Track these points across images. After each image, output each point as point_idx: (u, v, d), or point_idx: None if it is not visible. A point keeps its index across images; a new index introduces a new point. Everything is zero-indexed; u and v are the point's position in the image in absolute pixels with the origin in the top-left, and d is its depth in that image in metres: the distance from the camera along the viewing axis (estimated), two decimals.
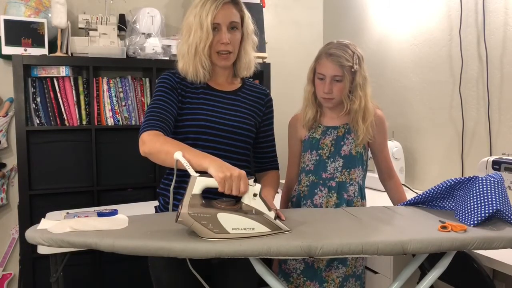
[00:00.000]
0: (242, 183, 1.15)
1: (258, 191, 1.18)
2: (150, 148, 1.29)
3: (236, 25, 1.46)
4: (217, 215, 1.13)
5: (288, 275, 1.66)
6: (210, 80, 1.53)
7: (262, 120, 1.60)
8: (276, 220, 1.18)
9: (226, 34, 1.43)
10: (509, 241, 1.20)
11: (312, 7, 3.50)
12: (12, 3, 2.54)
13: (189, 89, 1.50)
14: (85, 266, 2.62)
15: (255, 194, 1.18)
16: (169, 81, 1.47)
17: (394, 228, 1.29)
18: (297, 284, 1.64)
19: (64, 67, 2.55)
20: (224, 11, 1.42)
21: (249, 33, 1.51)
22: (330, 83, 1.58)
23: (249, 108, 1.55)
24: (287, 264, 1.66)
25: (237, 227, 1.14)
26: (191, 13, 1.44)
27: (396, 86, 2.78)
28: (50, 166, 2.58)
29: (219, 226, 1.13)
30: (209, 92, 1.51)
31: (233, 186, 1.14)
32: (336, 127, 1.66)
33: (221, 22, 1.42)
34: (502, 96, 2.10)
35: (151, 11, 2.73)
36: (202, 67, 1.45)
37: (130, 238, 1.13)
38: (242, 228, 1.14)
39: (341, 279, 1.61)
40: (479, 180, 1.34)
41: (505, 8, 2.07)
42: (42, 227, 1.19)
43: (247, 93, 1.58)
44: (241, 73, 1.56)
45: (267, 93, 1.63)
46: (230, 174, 1.14)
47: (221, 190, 1.14)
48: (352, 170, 1.64)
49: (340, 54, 1.56)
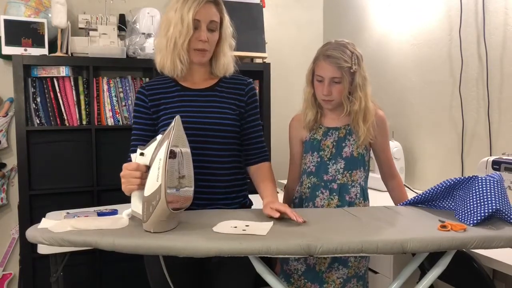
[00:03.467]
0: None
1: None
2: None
3: (215, 26, 1.48)
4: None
5: (289, 276, 1.65)
6: (185, 80, 1.53)
7: (245, 111, 1.56)
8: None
9: (205, 32, 1.45)
10: (508, 241, 1.21)
11: (312, 7, 3.50)
12: (12, 3, 2.54)
13: (163, 94, 1.51)
14: (85, 266, 2.62)
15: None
16: (139, 104, 1.53)
17: (394, 227, 1.29)
18: (297, 285, 1.63)
19: (64, 67, 2.55)
20: (205, 9, 1.44)
21: (227, 35, 1.53)
22: (329, 85, 1.57)
23: (227, 101, 1.53)
24: (288, 265, 1.66)
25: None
26: (171, 8, 1.46)
27: (396, 86, 2.78)
28: (50, 166, 2.58)
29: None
30: (184, 93, 1.51)
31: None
32: (338, 128, 1.65)
33: (201, 19, 1.44)
34: (502, 96, 2.10)
35: (151, 11, 2.73)
36: (180, 61, 1.46)
37: (131, 237, 1.13)
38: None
39: (342, 280, 1.61)
40: (479, 180, 1.34)
41: (505, 8, 2.07)
42: (43, 226, 1.19)
43: (224, 86, 1.55)
44: (220, 74, 1.55)
45: (247, 82, 1.59)
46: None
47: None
48: (354, 172, 1.63)
49: (338, 55, 1.54)
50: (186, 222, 1.27)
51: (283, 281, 1.59)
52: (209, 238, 1.14)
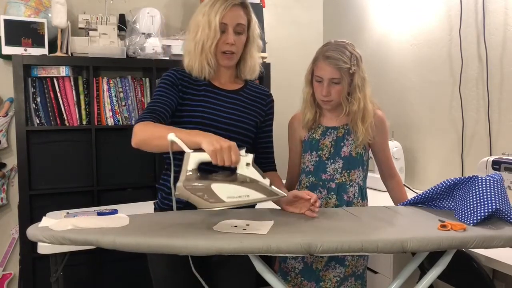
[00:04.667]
0: (232, 153, 1.18)
1: (250, 161, 1.21)
2: (142, 136, 1.30)
3: (242, 28, 1.49)
4: (211, 185, 1.18)
5: (286, 274, 1.66)
6: (213, 79, 1.55)
7: (263, 121, 1.61)
8: (271, 187, 1.21)
9: (232, 35, 1.46)
10: (508, 240, 1.21)
11: (312, 7, 3.50)
12: (12, 3, 2.54)
13: (191, 85, 1.51)
14: (85, 266, 2.62)
15: (248, 163, 1.21)
16: (170, 78, 1.49)
17: (394, 227, 1.29)
18: (294, 283, 1.64)
19: (64, 67, 2.55)
20: (232, 12, 1.46)
21: (254, 37, 1.55)
22: (328, 86, 1.57)
23: (249, 108, 1.56)
24: (286, 263, 1.66)
25: (232, 195, 1.18)
26: (200, 11, 1.48)
27: (396, 86, 2.78)
28: (50, 166, 2.58)
29: (214, 196, 1.17)
30: (211, 89, 1.53)
31: (224, 157, 1.17)
32: (336, 128, 1.66)
33: (228, 22, 1.45)
34: (502, 96, 2.10)
35: (151, 11, 2.73)
36: (207, 64, 1.48)
37: (131, 235, 1.13)
38: (237, 196, 1.18)
39: (338, 278, 1.61)
40: (479, 180, 1.34)
41: (505, 8, 2.07)
42: (44, 225, 1.19)
43: (248, 93, 1.59)
44: (245, 76, 1.58)
45: (269, 94, 1.65)
46: (220, 146, 1.17)
47: (214, 162, 1.18)
48: (352, 171, 1.64)
49: (338, 56, 1.55)
50: (187, 221, 1.28)
51: (280, 279, 1.60)
52: (210, 236, 1.14)
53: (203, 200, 1.17)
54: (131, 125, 2.70)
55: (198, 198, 1.17)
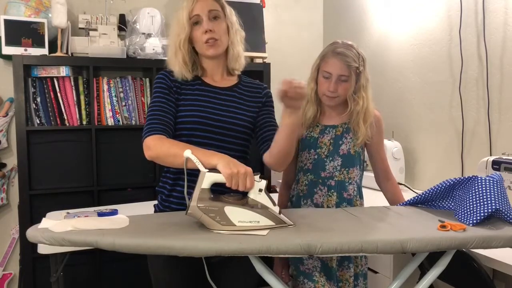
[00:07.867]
0: (248, 179, 1.21)
1: (263, 187, 1.23)
2: (157, 152, 1.33)
3: (217, 14, 1.47)
4: (224, 208, 1.19)
5: (310, 275, 1.59)
6: (205, 76, 1.54)
7: (262, 105, 1.57)
8: (280, 215, 1.23)
9: (207, 22, 1.45)
10: (508, 240, 1.20)
11: (312, 7, 3.51)
12: (12, 3, 2.54)
13: (184, 85, 1.50)
14: (85, 266, 2.62)
15: (260, 189, 1.23)
16: (164, 81, 1.48)
17: (393, 227, 1.29)
18: (322, 283, 1.58)
19: (64, 67, 2.56)
20: (201, 2, 1.46)
21: (233, 23, 1.52)
22: (336, 82, 1.58)
23: (245, 103, 1.54)
24: (305, 265, 1.60)
25: (243, 220, 1.20)
26: (174, 17, 1.50)
27: (396, 86, 2.78)
28: (50, 166, 2.58)
29: (226, 218, 1.19)
30: (204, 88, 1.51)
31: (239, 182, 1.20)
32: (335, 126, 1.66)
33: (199, 12, 1.45)
34: (502, 96, 2.10)
35: (151, 11, 2.73)
36: (184, 63, 1.47)
37: (131, 236, 1.13)
38: (247, 221, 1.20)
39: (353, 278, 1.61)
40: (478, 180, 1.34)
41: (505, 8, 2.07)
42: (43, 226, 1.19)
43: (243, 88, 1.57)
44: (232, 65, 1.55)
45: (264, 86, 1.62)
46: (237, 171, 1.19)
47: (229, 185, 1.20)
48: (351, 169, 1.64)
49: (348, 54, 1.56)
50: (186, 222, 1.28)
51: (306, 281, 1.58)
52: (209, 238, 1.14)
53: (215, 222, 1.19)
54: (131, 125, 2.73)
55: (210, 219, 1.19)
